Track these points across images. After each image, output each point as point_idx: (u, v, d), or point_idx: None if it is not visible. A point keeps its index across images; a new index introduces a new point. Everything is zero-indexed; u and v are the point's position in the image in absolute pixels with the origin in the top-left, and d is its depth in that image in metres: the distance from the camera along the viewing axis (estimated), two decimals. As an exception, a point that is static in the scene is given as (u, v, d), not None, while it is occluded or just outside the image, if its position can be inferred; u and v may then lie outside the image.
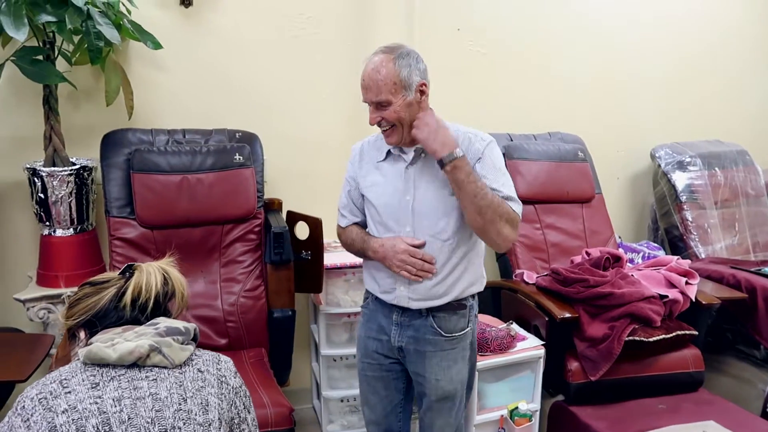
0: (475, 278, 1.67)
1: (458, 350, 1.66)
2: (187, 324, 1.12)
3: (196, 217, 2.18)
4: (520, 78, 2.88)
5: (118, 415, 0.97)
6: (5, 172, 2.23)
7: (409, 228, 1.60)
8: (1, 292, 2.25)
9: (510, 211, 1.53)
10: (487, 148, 1.58)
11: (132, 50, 2.34)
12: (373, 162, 1.68)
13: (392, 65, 1.51)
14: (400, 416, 1.78)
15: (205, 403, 1.03)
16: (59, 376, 1.00)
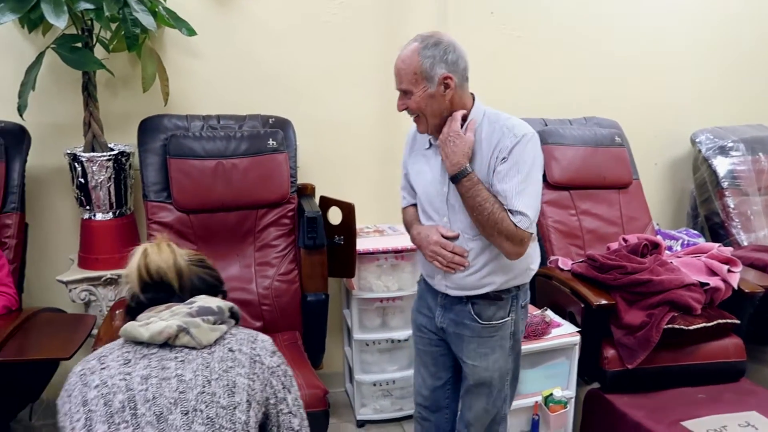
0: (517, 272, 1.61)
1: (497, 339, 1.64)
2: (221, 303, 1.12)
3: (230, 201, 2.21)
4: (555, 61, 2.82)
5: (144, 393, 0.98)
6: (47, 158, 2.29)
7: (445, 219, 1.60)
8: (45, 274, 2.31)
9: (509, 228, 1.47)
10: (516, 147, 1.49)
11: (167, 37, 2.37)
12: (421, 149, 1.68)
13: (417, 56, 1.48)
14: (448, 393, 1.79)
15: (232, 385, 1.02)
16: (100, 353, 1.04)
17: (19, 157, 2.12)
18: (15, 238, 2.06)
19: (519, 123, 1.54)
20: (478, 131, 1.54)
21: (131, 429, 0.96)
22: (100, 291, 2.18)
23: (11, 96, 2.02)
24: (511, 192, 1.48)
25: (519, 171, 1.48)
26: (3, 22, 1.81)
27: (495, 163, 1.51)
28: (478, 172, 1.52)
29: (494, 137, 1.52)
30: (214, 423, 0.98)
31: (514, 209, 1.48)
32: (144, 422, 0.96)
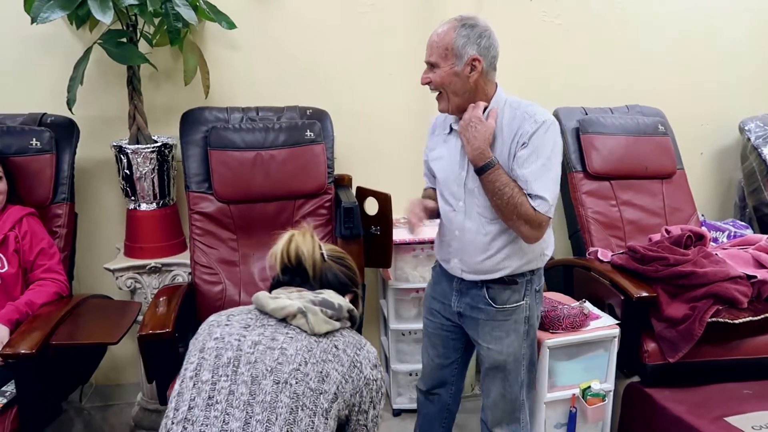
0: (532, 257, 1.65)
1: (510, 323, 1.67)
2: (343, 302, 1.21)
3: (269, 192, 2.25)
4: (595, 48, 2.76)
5: (249, 356, 1.09)
6: (94, 150, 2.37)
7: (461, 203, 1.64)
8: (93, 262, 2.40)
9: (528, 212, 1.51)
10: (537, 133, 1.52)
11: (207, 31, 2.42)
12: (442, 135, 1.72)
13: (452, 32, 1.53)
14: (455, 371, 1.86)
15: (325, 374, 1.10)
16: (231, 311, 1.20)
17: (69, 149, 2.19)
18: (65, 227, 2.14)
19: (540, 110, 1.57)
20: (499, 118, 1.57)
21: (229, 383, 1.07)
22: (144, 279, 2.25)
23: (61, 90, 2.10)
24: (531, 177, 1.51)
25: (539, 156, 1.52)
26: (52, 18, 1.87)
27: (516, 149, 1.54)
28: (499, 156, 1.55)
29: (515, 123, 1.55)
30: (299, 399, 1.06)
31: (534, 193, 1.51)
32: (240, 380, 1.06)
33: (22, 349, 1.63)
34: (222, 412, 1.04)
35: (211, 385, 1.07)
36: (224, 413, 1.04)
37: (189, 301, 2.10)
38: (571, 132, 2.57)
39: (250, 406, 1.04)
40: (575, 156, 2.55)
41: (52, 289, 1.93)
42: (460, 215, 1.65)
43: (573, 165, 2.54)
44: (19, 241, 1.92)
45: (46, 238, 2.00)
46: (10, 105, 2.29)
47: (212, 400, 1.06)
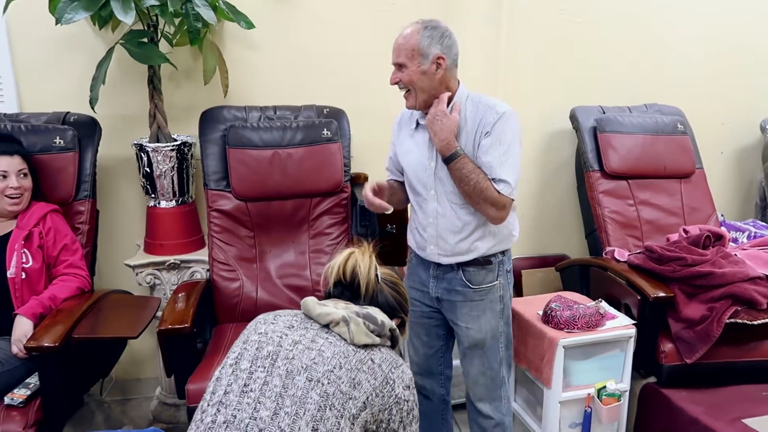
0: (501, 238, 1.78)
1: (486, 302, 1.79)
2: (387, 320, 1.24)
3: (286, 190, 2.27)
4: (614, 47, 2.75)
5: (287, 352, 1.14)
6: (116, 148, 2.41)
7: (433, 192, 1.75)
8: (114, 258, 2.44)
9: (493, 195, 1.64)
10: (498, 122, 1.65)
11: (226, 31, 2.45)
12: (407, 131, 1.83)
13: (417, 34, 1.64)
14: (440, 359, 1.95)
15: (357, 382, 1.13)
16: (279, 312, 1.26)
17: (91, 147, 2.23)
18: (87, 224, 2.18)
19: (500, 102, 1.71)
20: (462, 111, 1.70)
21: (264, 374, 1.12)
22: (164, 275, 2.29)
23: (84, 89, 2.14)
24: (495, 162, 1.64)
25: (501, 143, 1.65)
26: (76, 19, 1.91)
27: (479, 138, 1.67)
28: (464, 147, 1.68)
29: (478, 115, 1.68)
30: (328, 399, 1.09)
31: (498, 178, 1.64)
32: (276, 373, 1.11)
33: (45, 342, 1.67)
34: (254, 400, 1.09)
35: (249, 373, 1.12)
36: (256, 401, 1.08)
37: (207, 297, 2.13)
38: (588, 131, 2.56)
39: (281, 398, 1.08)
40: (592, 155, 2.54)
41: (74, 284, 1.97)
42: (433, 203, 1.76)
43: (590, 164, 2.53)
44: (43, 237, 1.96)
45: (69, 234, 2.04)
46: (34, 104, 2.35)
47: (247, 387, 1.11)
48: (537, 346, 2.01)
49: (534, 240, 2.86)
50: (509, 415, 1.89)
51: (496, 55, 2.64)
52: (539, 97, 2.72)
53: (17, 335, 1.77)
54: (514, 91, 2.66)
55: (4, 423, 1.63)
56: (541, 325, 2.02)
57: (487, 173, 1.65)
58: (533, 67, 2.70)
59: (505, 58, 2.65)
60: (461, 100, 1.72)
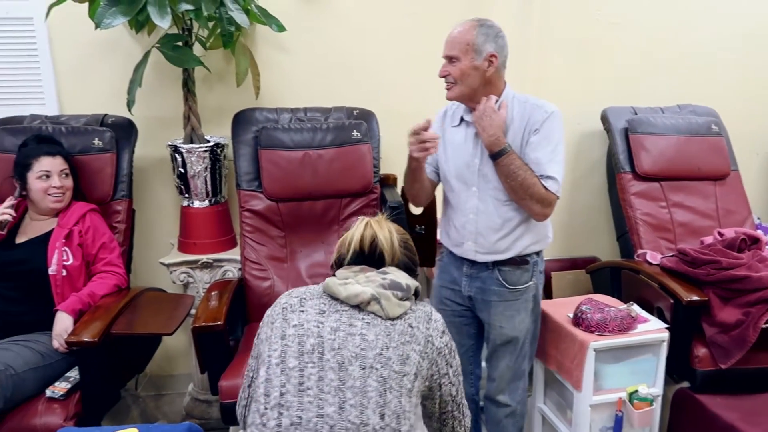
0: (539, 238, 1.80)
1: (521, 302, 1.81)
2: (410, 281, 1.25)
3: (317, 190, 2.30)
4: (647, 47, 2.71)
5: (331, 342, 1.14)
6: (151, 149, 2.47)
7: (474, 188, 1.77)
8: (149, 256, 2.50)
9: (540, 192, 1.66)
10: (548, 120, 1.69)
11: (258, 34, 2.49)
12: (449, 127, 1.85)
13: (473, 30, 1.67)
14: (471, 359, 1.96)
15: (405, 357, 1.15)
16: (302, 294, 1.22)
17: (128, 148, 2.29)
18: (124, 223, 2.24)
19: (547, 102, 1.74)
20: (509, 110, 1.72)
21: (316, 369, 1.11)
22: (197, 273, 2.34)
23: (121, 92, 2.19)
24: (543, 159, 1.67)
25: (550, 141, 1.69)
26: (115, 24, 1.96)
27: (528, 136, 1.70)
28: (512, 144, 1.69)
29: (525, 113, 1.72)
30: (386, 382, 1.11)
31: (546, 174, 1.67)
32: (327, 366, 1.11)
33: (85, 338, 1.73)
34: (315, 398, 1.09)
35: (299, 371, 1.12)
36: (317, 398, 1.09)
37: (239, 295, 2.17)
38: (620, 132, 2.53)
39: (341, 391, 1.09)
40: (624, 156, 2.51)
41: (112, 282, 2.02)
42: (473, 199, 1.77)
43: (621, 165, 2.50)
44: (82, 236, 2.02)
45: (107, 233, 2.10)
46: (74, 106, 2.42)
47: (303, 386, 1.10)
48: (567, 349, 2.00)
49: (564, 242, 2.83)
50: (523, 404, 1.93)
51: (526, 56, 2.62)
52: (569, 98, 2.70)
53: (58, 330, 1.83)
54: (543, 91, 2.63)
55: (45, 415, 1.68)
56: (572, 327, 2.01)
57: (535, 170, 1.67)
58: (563, 67, 2.68)
59: (535, 59, 2.64)
60: (508, 100, 1.74)
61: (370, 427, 1.08)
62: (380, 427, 1.08)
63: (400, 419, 1.11)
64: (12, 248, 1.98)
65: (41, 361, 1.78)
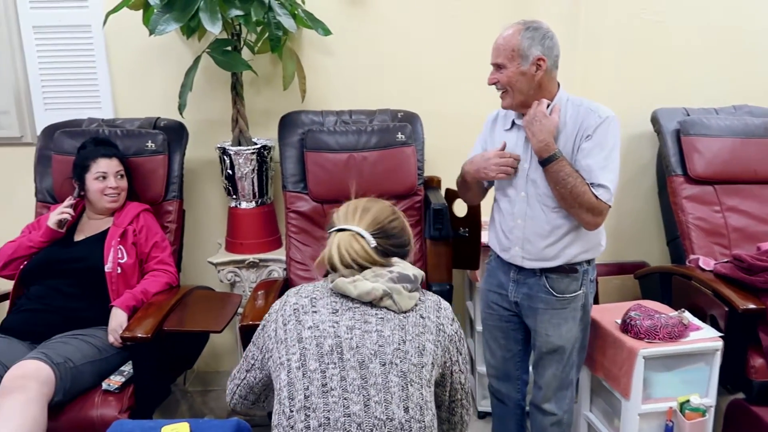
0: (590, 246, 1.75)
1: (569, 310, 1.77)
2: (416, 271, 1.25)
3: (361, 192, 2.29)
4: (699, 46, 2.62)
5: (349, 341, 1.15)
6: (200, 151, 2.54)
7: (523, 193, 1.73)
8: (197, 255, 2.57)
9: (591, 201, 1.61)
10: (601, 126, 1.63)
11: (304, 38, 2.53)
12: (501, 130, 1.82)
13: (518, 35, 1.63)
14: (518, 364, 1.93)
15: (422, 348, 1.17)
16: (311, 293, 1.22)
17: (179, 150, 2.36)
18: (175, 222, 2.31)
19: (602, 106, 1.68)
20: (562, 114, 1.67)
21: (338, 370, 1.13)
22: (243, 273, 2.39)
23: (173, 96, 2.26)
24: (595, 166, 1.62)
25: (603, 148, 1.63)
26: (168, 30, 2.03)
27: (580, 142, 1.65)
28: (563, 149, 1.65)
29: (579, 118, 1.66)
30: (406, 376, 1.13)
31: (597, 182, 1.61)
32: (349, 366, 1.13)
33: (139, 333, 1.79)
34: (340, 398, 1.10)
35: (321, 373, 1.12)
36: (342, 398, 1.10)
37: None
38: (671, 134, 2.46)
39: (364, 389, 1.11)
40: (675, 159, 2.44)
41: (163, 280, 2.09)
42: (522, 205, 1.73)
43: (673, 168, 2.43)
44: (136, 235, 2.09)
45: (159, 232, 2.17)
46: (129, 110, 2.51)
47: (326, 387, 1.11)
48: (615, 356, 1.96)
49: (611, 246, 2.73)
50: (570, 413, 1.89)
51: (573, 56, 2.58)
52: (618, 99, 2.62)
53: (113, 326, 1.90)
54: (590, 92, 2.58)
55: (101, 407, 1.75)
56: (620, 334, 1.96)
57: (586, 177, 1.62)
58: (612, 67, 2.62)
59: (583, 59, 2.59)
60: (561, 103, 1.70)
61: (396, 422, 1.10)
62: (405, 420, 1.11)
63: (423, 410, 1.13)
64: (70, 246, 2.06)
65: (98, 354, 1.85)
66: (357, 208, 1.29)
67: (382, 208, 1.30)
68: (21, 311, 1.97)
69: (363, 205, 1.30)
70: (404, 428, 1.10)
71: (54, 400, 1.68)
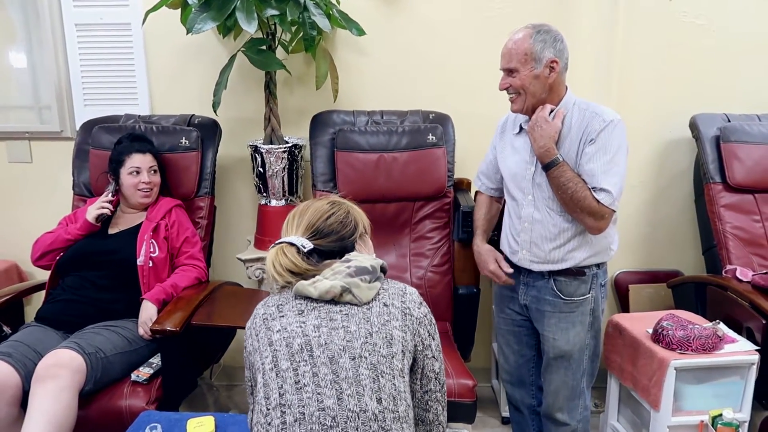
0: (598, 249, 1.74)
1: (577, 314, 1.76)
2: (374, 261, 1.25)
3: (390, 193, 2.31)
4: (740, 50, 2.54)
5: (317, 339, 1.16)
6: (233, 148, 2.57)
7: (530, 197, 1.74)
8: (226, 251, 2.60)
9: (592, 205, 1.61)
10: (605, 130, 1.63)
11: (338, 37, 2.53)
12: (509, 135, 1.84)
13: (530, 38, 1.64)
14: (532, 370, 1.93)
15: (389, 337, 1.17)
16: (278, 302, 1.23)
17: (212, 148, 2.40)
18: (206, 218, 2.34)
19: (607, 110, 1.68)
20: (568, 118, 1.68)
21: (309, 366, 1.14)
22: (272, 270, 2.40)
23: (207, 94, 2.29)
24: (598, 170, 1.62)
25: (606, 152, 1.63)
26: (205, 29, 2.06)
27: (583, 146, 1.65)
28: (567, 154, 1.66)
29: (583, 122, 1.67)
30: (377, 368, 1.14)
31: (599, 186, 1.62)
32: (319, 362, 1.14)
33: (168, 327, 1.82)
34: (313, 393, 1.12)
35: (293, 371, 1.14)
36: (315, 393, 1.12)
37: (311, 293, 2.21)
38: (710, 140, 2.40)
39: (337, 384, 1.12)
40: (714, 166, 2.37)
41: (193, 274, 2.12)
42: (529, 208, 1.74)
43: (711, 176, 2.37)
44: (168, 230, 2.13)
45: (190, 227, 2.20)
46: (165, 107, 2.56)
47: (299, 384, 1.13)
48: (645, 366, 1.91)
49: (644, 253, 2.71)
50: (584, 422, 1.87)
51: (610, 59, 2.53)
52: (655, 103, 2.58)
53: (143, 318, 1.93)
54: (628, 96, 2.54)
55: (130, 397, 1.78)
56: (651, 343, 1.92)
57: (588, 181, 1.63)
58: (650, 71, 2.56)
59: (620, 62, 2.54)
60: (568, 106, 1.71)
61: (369, 413, 1.11)
62: (379, 412, 1.11)
63: (396, 401, 1.14)
64: (105, 238, 2.11)
65: (128, 346, 1.89)
66: (294, 216, 1.31)
67: (316, 209, 1.30)
68: (56, 301, 2.02)
69: (300, 210, 1.32)
70: (378, 419, 1.11)
71: (84, 389, 1.72)
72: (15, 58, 2.66)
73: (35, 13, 2.56)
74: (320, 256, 1.26)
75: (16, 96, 2.71)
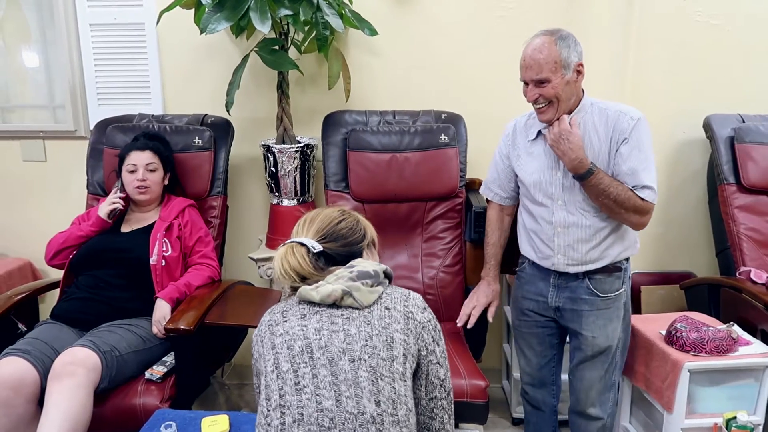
0: (629, 243, 1.78)
1: (613, 309, 1.78)
2: (377, 266, 1.26)
3: (402, 193, 2.31)
4: (756, 50, 2.53)
5: (318, 341, 1.17)
6: (245, 148, 2.58)
7: (560, 201, 1.74)
8: (239, 251, 2.61)
9: (636, 203, 1.63)
10: (635, 128, 1.64)
11: (350, 37, 2.54)
12: (524, 141, 1.82)
13: (554, 46, 1.62)
14: (553, 370, 1.95)
15: (390, 340, 1.17)
16: (282, 308, 1.26)
17: (225, 147, 2.40)
18: (219, 218, 2.35)
19: (629, 107, 1.70)
20: (589, 119, 1.69)
21: (309, 368, 1.15)
22: (283, 269, 2.41)
23: (220, 93, 2.30)
24: (639, 168, 1.64)
25: (641, 150, 1.64)
26: (219, 29, 2.06)
27: (616, 145, 1.66)
28: (598, 155, 1.67)
29: (610, 122, 1.67)
30: (376, 371, 1.14)
31: (641, 184, 1.63)
32: (319, 364, 1.15)
33: (182, 325, 1.83)
34: (312, 394, 1.13)
35: (293, 372, 1.16)
36: (314, 395, 1.13)
37: (323, 293, 2.22)
38: (724, 141, 2.39)
39: (335, 385, 1.13)
40: (728, 167, 2.36)
41: (206, 274, 2.13)
42: (561, 212, 1.74)
43: (725, 177, 2.36)
44: (181, 229, 2.14)
45: (203, 227, 2.21)
46: (178, 106, 2.57)
47: (299, 385, 1.14)
48: (658, 367, 1.91)
49: (656, 254, 2.70)
50: (612, 416, 1.89)
51: (624, 59, 2.52)
52: (668, 104, 2.57)
53: (157, 317, 1.95)
54: (642, 96, 2.53)
55: (144, 395, 1.79)
56: (664, 345, 1.91)
57: (630, 180, 1.64)
58: (664, 71, 2.55)
59: (634, 62, 2.53)
60: (586, 107, 1.71)
61: (367, 415, 1.11)
62: (377, 414, 1.11)
63: (395, 404, 1.14)
64: (118, 236, 2.13)
65: (142, 344, 1.90)
66: (305, 221, 1.34)
67: (327, 214, 1.34)
68: (70, 299, 2.03)
69: (311, 216, 1.35)
70: (376, 422, 1.11)
71: (100, 387, 1.74)
72: (30, 58, 2.68)
73: (50, 13, 2.58)
74: (327, 261, 1.27)
75: (30, 95, 2.74)
